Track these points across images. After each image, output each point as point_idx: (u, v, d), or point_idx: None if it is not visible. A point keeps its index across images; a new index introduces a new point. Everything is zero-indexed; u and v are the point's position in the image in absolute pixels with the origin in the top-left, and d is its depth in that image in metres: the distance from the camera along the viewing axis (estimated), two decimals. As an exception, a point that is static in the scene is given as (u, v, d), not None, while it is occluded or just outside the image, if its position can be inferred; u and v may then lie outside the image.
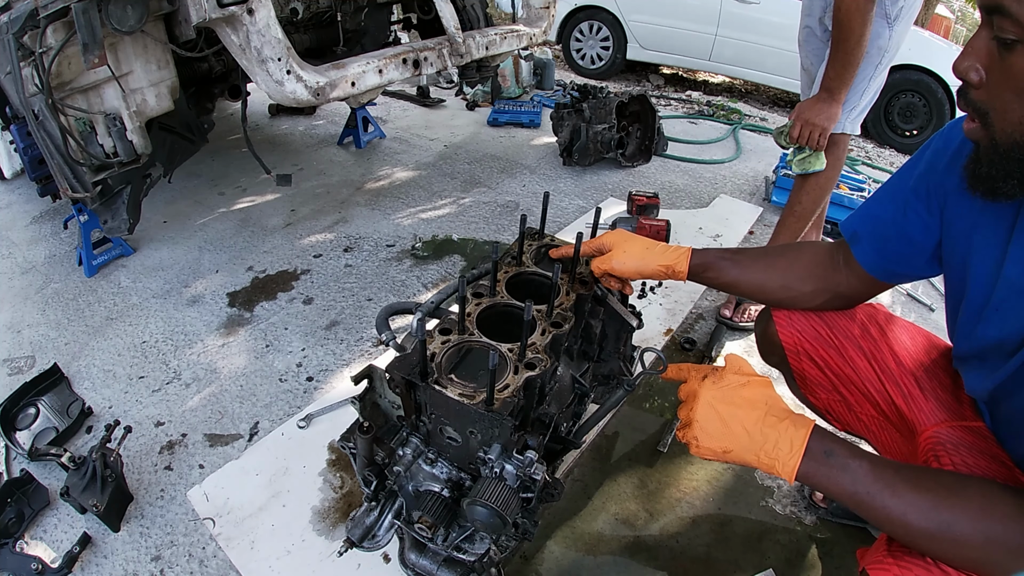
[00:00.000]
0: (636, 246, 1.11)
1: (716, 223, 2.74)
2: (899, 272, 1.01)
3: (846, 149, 1.95)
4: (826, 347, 1.09)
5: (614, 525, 1.41)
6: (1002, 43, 0.63)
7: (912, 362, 1.04)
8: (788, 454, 0.78)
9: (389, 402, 1.11)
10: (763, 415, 0.82)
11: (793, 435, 0.78)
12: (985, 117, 0.68)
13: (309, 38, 2.62)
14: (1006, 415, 0.89)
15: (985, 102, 0.67)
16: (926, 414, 0.99)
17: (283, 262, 2.41)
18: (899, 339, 1.07)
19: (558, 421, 1.07)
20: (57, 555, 1.33)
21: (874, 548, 0.82)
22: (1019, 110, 0.64)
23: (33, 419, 1.61)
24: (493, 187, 3.06)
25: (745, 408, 0.83)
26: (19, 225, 2.69)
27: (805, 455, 0.77)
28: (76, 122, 1.86)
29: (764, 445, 0.79)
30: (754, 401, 0.84)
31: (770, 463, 0.79)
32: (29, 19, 1.64)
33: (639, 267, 1.09)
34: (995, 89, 0.66)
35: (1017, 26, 0.60)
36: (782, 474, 0.78)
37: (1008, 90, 0.64)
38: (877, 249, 1.00)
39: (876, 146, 4.22)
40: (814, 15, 1.85)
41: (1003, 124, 0.66)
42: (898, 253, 0.97)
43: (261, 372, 1.85)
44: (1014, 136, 0.65)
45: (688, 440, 0.86)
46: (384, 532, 1.05)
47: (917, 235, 0.94)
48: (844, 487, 0.76)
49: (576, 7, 5.39)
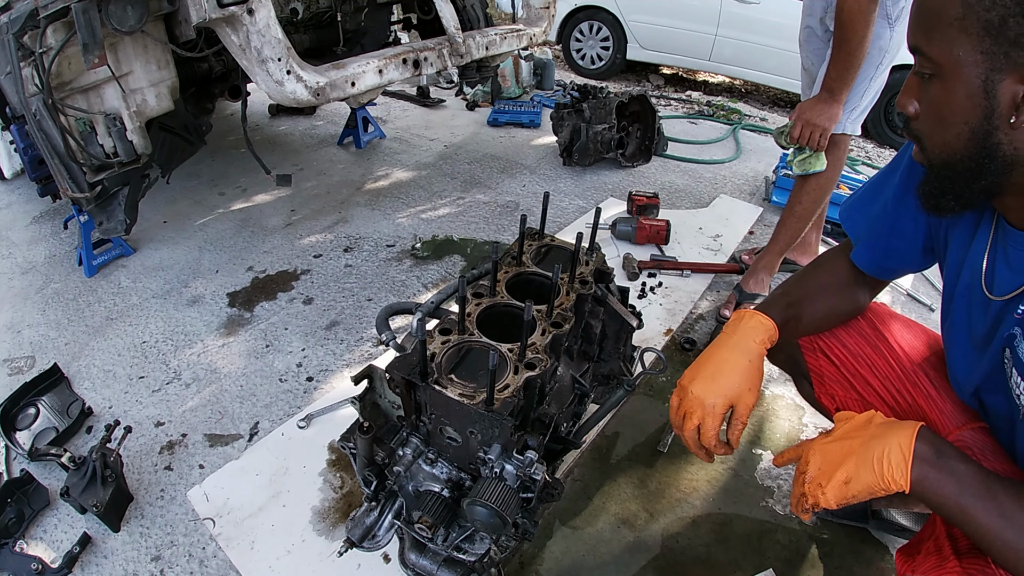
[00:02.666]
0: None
1: (716, 223, 2.74)
2: (893, 267, 1.04)
3: (847, 149, 1.95)
4: (840, 346, 1.10)
5: (614, 525, 1.41)
6: (922, 77, 0.73)
7: (923, 360, 1.05)
8: (900, 459, 0.73)
9: (389, 402, 1.11)
10: (868, 430, 0.79)
11: (901, 438, 0.75)
12: (921, 143, 0.77)
13: (309, 38, 2.62)
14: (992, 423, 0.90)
15: (920, 130, 0.76)
16: (947, 416, 1.00)
17: (283, 262, 2.41)
18: (905, 337, 1.08)
19: (558, 421, 1.07)
20: (57, 555, 1.33)
21: (942, 556, 0.81)
22: (941, 134, 0.72)
23: (33, 419, 1.61)
24: (493, 187, 3.06)
25: (851, 434, 0.80)
26: (19, 225, 2.69)
27: (915, 457, 0.73)
28: (76, 122, 1.86)
29: (878, 456, 0.75)
30: (859, 425, 0.81)
31: (888, 475, 0.74)
32: (29, 19, 1.64)
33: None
34: (924, 118, 0.75)
35: (930, 62, 0.70)
36: (899, 484, 0.73)
37: (931, 117, 0.73)
38: (870, 247, 1.03)
39: (876, 146, 4.22)
40: (815, 15, 1.85)
41: (932, 147, 0.75)
42: (890, 248, 1.00)
43: (261, 372, 1.85)
44: (942, 156, 0.74)
45: (811, 494, 0.79)
46: (384, 532, 1.05)
47: (908, 230, 0.97)
48: (949, 495, 0.71)
49: (576, 7, 5.38)
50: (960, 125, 0.69)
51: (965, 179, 0.72)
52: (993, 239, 0.81)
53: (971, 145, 0.69)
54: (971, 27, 0.65)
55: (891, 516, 1.38)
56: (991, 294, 0.81)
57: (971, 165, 0.71)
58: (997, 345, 0.81)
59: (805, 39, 1.93)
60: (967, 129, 0.69)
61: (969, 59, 0.66)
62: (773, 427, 1.68)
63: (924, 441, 0.74)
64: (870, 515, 1.38)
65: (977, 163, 0.70)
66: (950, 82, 0.68)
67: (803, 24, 1.93)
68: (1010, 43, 0.63)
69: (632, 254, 2.40)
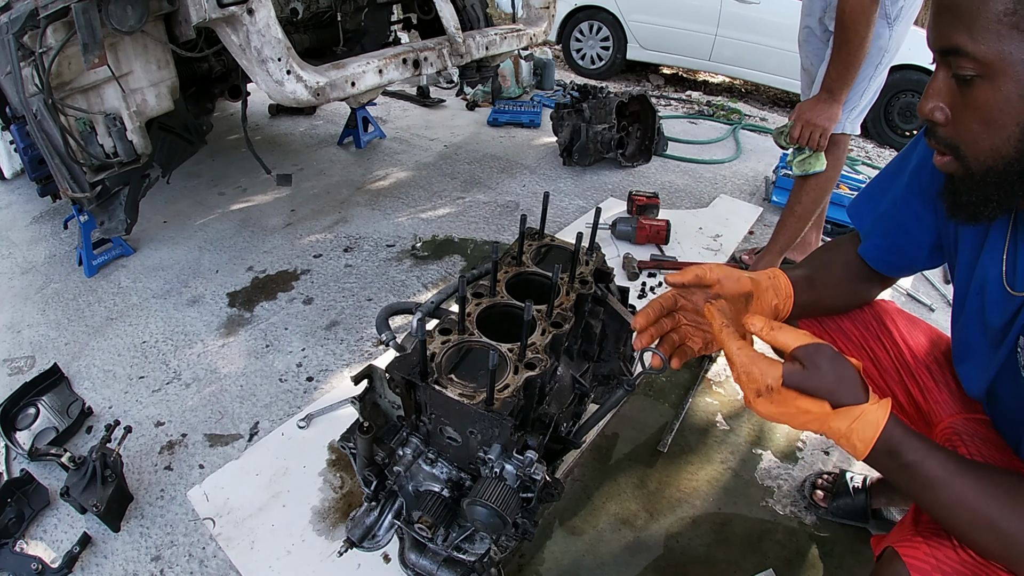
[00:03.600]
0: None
1: (716, 223, 2.74)
2: (900, 265, 1.03)
3: (846, 149, 1.95)
4: (846, 341, 1.10)
5: (614, 525, 1.41)
6: (961, 80, 0.67)
7: (925, 355, 1.06)
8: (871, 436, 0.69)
9: (389, 402, 1.11)
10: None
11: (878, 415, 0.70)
12: (956, 150, 0.72)
13: (309, 38, 2.62)
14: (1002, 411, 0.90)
15: (954, 136, 0.71)
16: (941, 405, 1.01)
17: (283, 262, 2.41)
18: (911, 333, 1.08)
19: (558, 421, 1.07)
20: (57, 555, 1.33)
21: (899, 527, 0.82)
22: (988, 138, 0.68)
23: (33, 419, 1.61)
24: (493, 187, 3.06)
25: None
26: (19, 225, 2.69)
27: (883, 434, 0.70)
28: (76, 122, 1.86)
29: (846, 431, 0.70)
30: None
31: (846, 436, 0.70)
32: (29, 19, 1.64)
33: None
34: (962, 123, 0.70)
35: (974, 62, 0.65)
36: (858, 452, 0.70)
37: (975, 122, 0.68)
38: (878, 244, 1.02)
39: (876, 146, 4.22)
40: (814, 15, 1.85)
41: (975, 153, 0.70)
42: (898, 246, 1.00)
43: (261, 372, 1.85)
44: (987, 163, 0.69)
45: (745, 397, 0.74)
46: (384, 532, 1.06)
47: (915, 229, 0.96)
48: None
49: (576, 7, 5.38)
50: (1012, 127, 0.66)
51: (1012, 183, 0.69)
52: (1012, 234, 0.79)
53: (1023, 145, 0.66)
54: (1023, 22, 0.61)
55: (892, 515, 1.38)
56: (1013, 290, 0.79)
57: (1021, 167, 0.67)
58: (1012, 338, 0.80)
59: (804, 39, 1.93)
60: (1019, 130, 0.65)
61: (1023, 56, 0.62)
62: (773, 427, 1.68)
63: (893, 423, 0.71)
64: (870, 515, 1.38)
65: None
66: (1000, 81, 0.64)
67: (802, 24, 1.92)
68: None
69: (632, 254, 2.40)
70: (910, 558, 0.73)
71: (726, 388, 1.82)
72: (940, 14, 0.68)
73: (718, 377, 1.86)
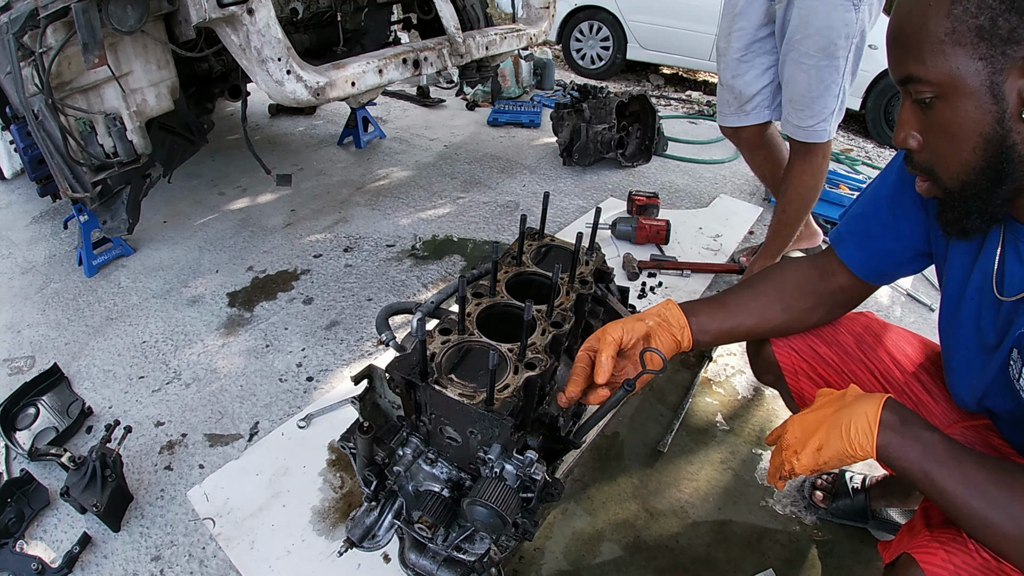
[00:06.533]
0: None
1: (716, 223, 2.74)
2: (886, 270, 1.01)
3: (828, 156, 1.91)
4: (824, 365, 1.09)
5: (614, 525, 1.41)
6: (923, 104, 0.71)
7: (915, 367, 1.04)
8: (866, 426, 0.76)
9: (389, 402, 1.11)
10: (840, 401, 0.82)
11: (867, 408, 0.77)
12: (932, 173, 0.76)
13: (309, 38, 2.62)
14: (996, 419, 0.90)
15: (928, 160, 0.75)
16: (938, 417, 1.00)
17: (283, 262, 2.41)
18: (897, 345, 1.07)
19: (558, 421, 1.07)
20: (57, 555, 1.33)
21: (910, 532, 0.83)
22: (956, 154, 0.71)
23: (33, 419, 1.61)
24: (493, 187, 3.06)
25: (826, 406, 0.83)
26: (19, 225, 2.69)
27: (881, 425, 0.76)
28: (76, 122, 1.86)
29: (846, 424, 0.77)
30: (835, 398, 0.84)
31: (856, 441, 0.76)
32: (29, 19, 1.64)
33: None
34: (933, 146, 0.73)
35: (929, 85, 0.69)
36: (866, 449, 0.76)
37: (941, 141, 0.72)
38: (861, 247, 1.00)
39: (876, 146, 4.22)
40: (751, 27, 1.85)
41: (948, 172, 0.73)
42: (883, 250, 0.98)
43: (261, 372, 1.85)
44: (961, 178, 0.72)
45: (787, 460, 0.82)
46: (384, 532, 1.05)
47: (904, 230, 0.95)
48: (914, 460, 0.74)
49: (576, 7, 5.38)
50: (975, 138, 0.69)
51: (987, 192, 0.72)
52: (1004, 240, 0.80)
53: (988, 154, 0.69)
54: (963, 37, 0.65)
55: (891, 516, 1.38)
56: (1002, 295, 0.80)
57: (992, 175, 0.70)
58: (1006, 346, 0.80)
59: (741, 57, 1.89)
60: (982, 140, 0.68)
61: (969, 69, 0.66)
62: (773, 427, 1.67)
63: (890, 410, 0.77)
64: (870, 515, 1.38)
65: (997, 171, 0.69)
66: (955, 99, 0.68)
67: (733, 41, 1.89)
68: (1005, 41, 0.63)
69: (632, 254, 2.40)
70: (928, 564, 0.73)
71: (725, 388, 1.82)
72: (892, 49, 0.73)
73: (718, 377, 1.86)
